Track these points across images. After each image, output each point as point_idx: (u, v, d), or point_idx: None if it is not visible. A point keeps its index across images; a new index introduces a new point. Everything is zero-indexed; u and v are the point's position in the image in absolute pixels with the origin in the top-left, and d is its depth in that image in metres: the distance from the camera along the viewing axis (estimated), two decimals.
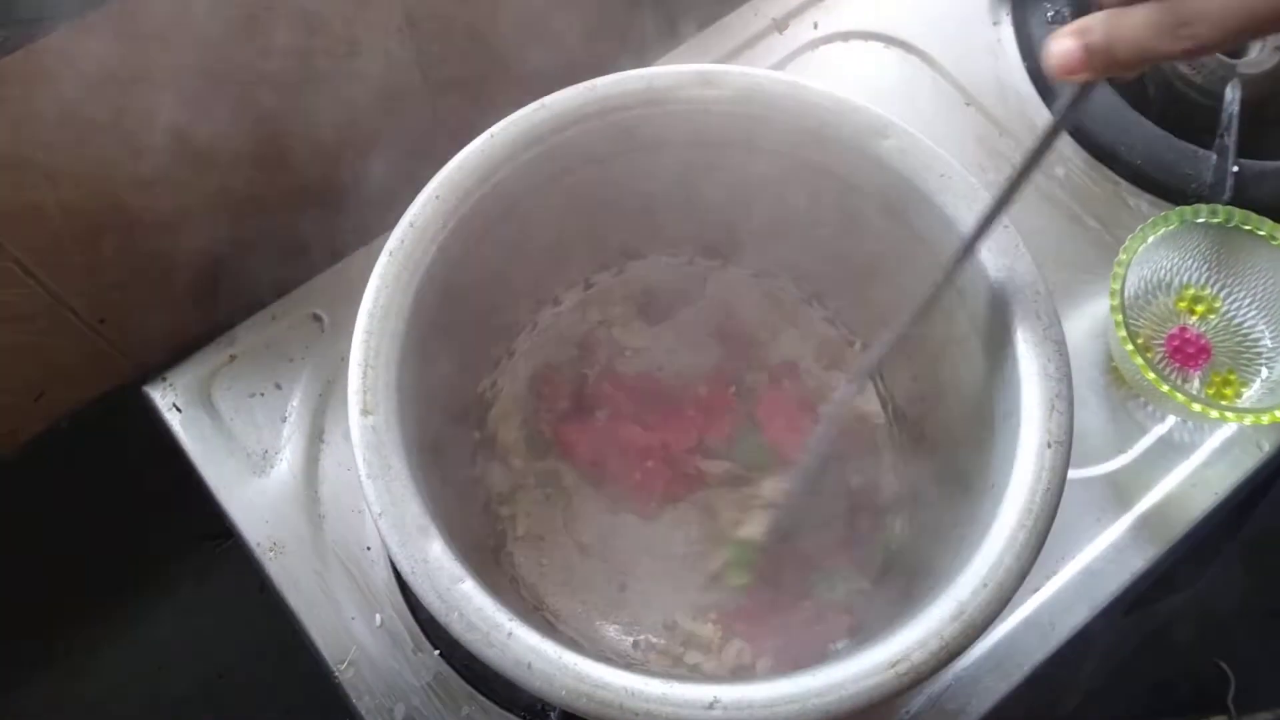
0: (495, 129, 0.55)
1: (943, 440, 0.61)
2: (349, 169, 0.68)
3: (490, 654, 0.44)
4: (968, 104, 0.78)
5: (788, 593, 0.63)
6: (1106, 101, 0.76)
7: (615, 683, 0.44)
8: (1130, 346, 0.64)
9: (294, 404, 0.68)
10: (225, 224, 0.70)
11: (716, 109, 0.58)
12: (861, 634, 0.57)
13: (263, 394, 0.68)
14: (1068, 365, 0.50)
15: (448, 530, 0.48)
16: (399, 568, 0.47)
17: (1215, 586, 0.82)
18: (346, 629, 0.63)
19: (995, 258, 0.53)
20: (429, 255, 0.53)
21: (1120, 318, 0.64)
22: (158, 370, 0.70)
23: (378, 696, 0.61)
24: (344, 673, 0.62)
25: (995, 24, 0.81)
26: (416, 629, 0.63)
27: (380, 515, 0.47)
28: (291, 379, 0.68)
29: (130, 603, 0.89)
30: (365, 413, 0.49)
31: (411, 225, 0.53)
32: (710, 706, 0.43)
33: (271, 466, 0.66)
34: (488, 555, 0.64)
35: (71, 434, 0.82)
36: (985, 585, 0.45)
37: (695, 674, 0.62)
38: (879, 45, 0.81)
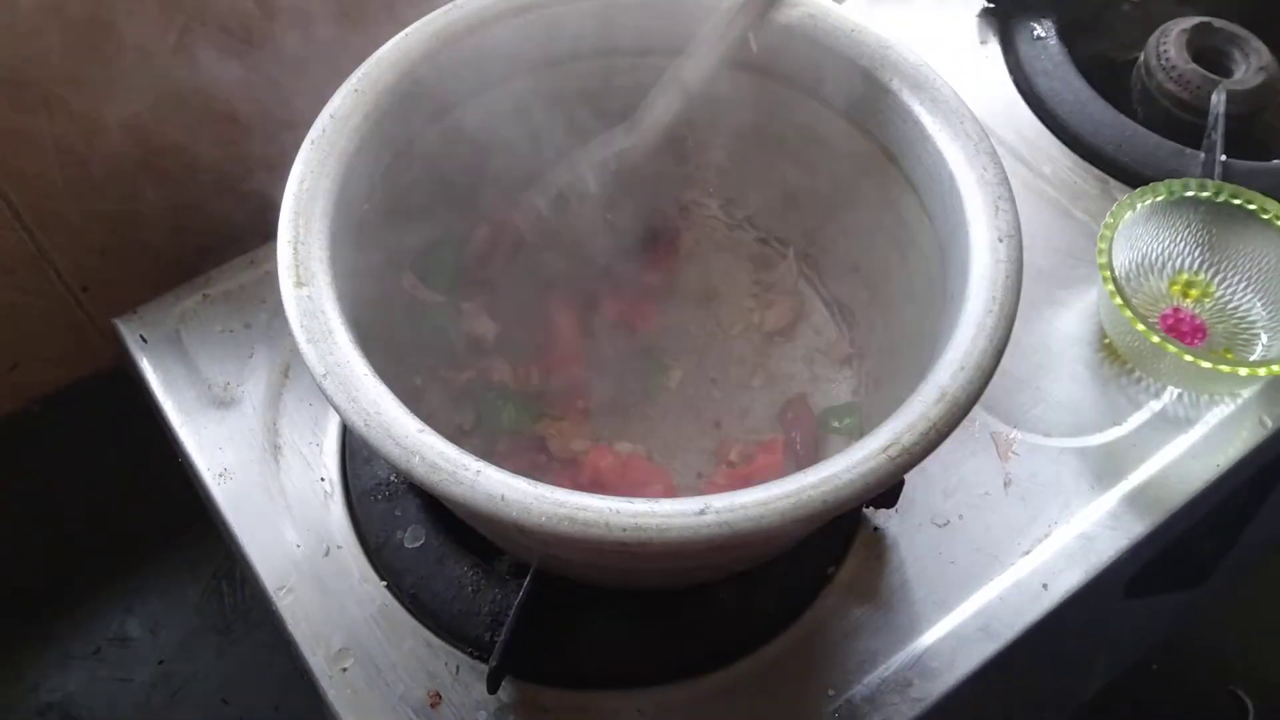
0: (411, 27, 0.55)
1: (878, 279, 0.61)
2: None
3: (459, 491, 0.41)
4: None
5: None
6: (1094, 106, 0.77)
7: (597, 503, 0.41)
8: (1119, 300, 0.62)
9: (263, 342, 0.66)
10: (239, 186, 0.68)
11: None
12: None
13: (231, 331, 0.67)
14: (1003, 171, 0.51)
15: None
16: (350, 424, 0.43)
17: (1223, 597, 0.76)
18: (289, 555, 0.59)
19: (911, 93, 0.54)
20: (352, 144, 0.52)
21: (1108, 274, 0.63)
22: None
23: (315, 624, 0.57)
24: (281, 599, 0.58)
25: (983, 43, 0.83)
26: (364, 561, 0.59)
27: (325, 376, 0.44)
28: (264, 320, 0.67)
29: (88, 600, 0.85)
30: (299, 284, 0.46)
31: (332, 117, 0.52)
32: (702, 513, 0.40)
33: (233, 399, 0.64)
34: None
35: (42, 419, 0.80)
36: (963, 368, 0.44)
37: None
38: None
